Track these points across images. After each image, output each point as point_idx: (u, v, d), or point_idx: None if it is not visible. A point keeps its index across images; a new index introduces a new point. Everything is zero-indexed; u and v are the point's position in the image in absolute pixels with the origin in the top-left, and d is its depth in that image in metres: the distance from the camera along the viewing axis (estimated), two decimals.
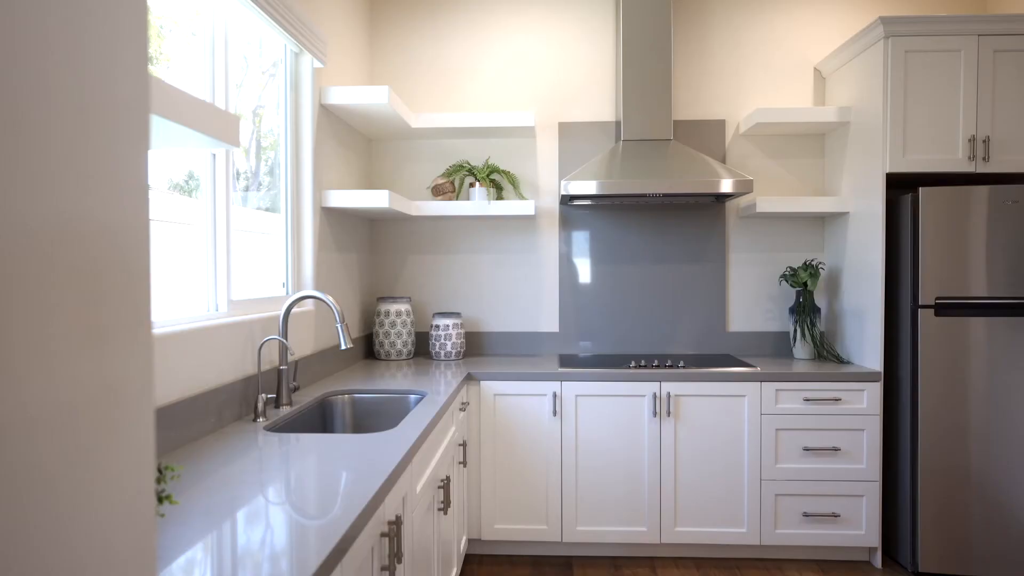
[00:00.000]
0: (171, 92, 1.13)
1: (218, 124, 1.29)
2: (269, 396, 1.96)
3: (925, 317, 2.63)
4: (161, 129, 1.20)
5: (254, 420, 1.86)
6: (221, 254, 1.97)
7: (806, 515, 2.75)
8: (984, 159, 2.68)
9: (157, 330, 1.53)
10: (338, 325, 2.01)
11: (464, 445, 2.52)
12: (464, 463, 2.51)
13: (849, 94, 3.00)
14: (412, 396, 2.36)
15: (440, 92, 3.37)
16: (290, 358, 2.14)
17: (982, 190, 2.61)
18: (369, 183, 3.39)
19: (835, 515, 2.75)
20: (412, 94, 3.37)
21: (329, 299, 2.03)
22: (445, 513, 1.99)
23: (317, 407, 2.21)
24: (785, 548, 2.82)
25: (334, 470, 1.41)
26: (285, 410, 2.01)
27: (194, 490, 1.29)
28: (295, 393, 2.22)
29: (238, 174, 2.25)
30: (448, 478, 2.05)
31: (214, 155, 1.97)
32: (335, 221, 2.83)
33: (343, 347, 2.01)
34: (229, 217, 2.00)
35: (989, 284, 2.62)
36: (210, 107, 1.26)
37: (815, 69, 3.27)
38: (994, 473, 2.63)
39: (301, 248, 2.56)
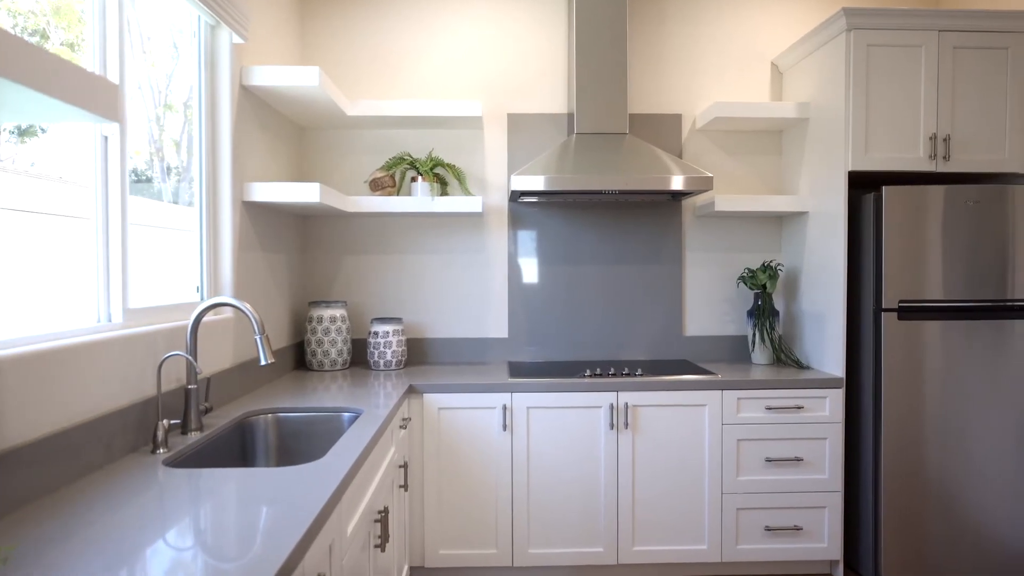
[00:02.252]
0: (10, 43, 0.86)
1: (86, 91, 1.01)
2: (173, 422, 1.67)
3: (888, 321, 2.53)
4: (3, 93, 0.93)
5: (153, 452, 1.57)
6: (115, 255, 1.67)
7: (768, 529, 2.63)
8: (945, 158, 2.61)
9: (14, 350, 1.23)
10: (257, 337, 1.74)
11: (405, 466, 2.28)
12: (405, 486, 2.26)
13: (808, 89, 2.90)
14: (346, 414, 2.10)
15: (380, 80, 3.10)
16: (200, 375, 1.86)
17: (946, 190, 2.54)
18: (300, 176, 3.09)
19: (797, 528, 2.63)
20: (350, 80, 3.10)
21: (246, 307, 1.75)
22: (383, 550, 1.74)
23: (234, 431, 1.92)
24: (747, 564, 2.69)
25: (243, 519, 1.15)
26: (194, 437, 1.72)
27: (54, 553, 1.01)
28: (207, 415, 1.93)
29: (169, 169, 2.09)
30: (387, 509, 1.80)
31: (106, 137, 1.67)
32: (260, 218, 2.53)
33: (263, 362, 1.73)
34: (125, 211, 1.70)
35: (954, 287, 2.54)
36: (75, 69, 0.99)
37: (772, 64, 3.16)
38: (958, 481, 2.56)
39: (218, 247, 2.26)
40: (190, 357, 1.67)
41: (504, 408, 2.56)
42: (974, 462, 2.56)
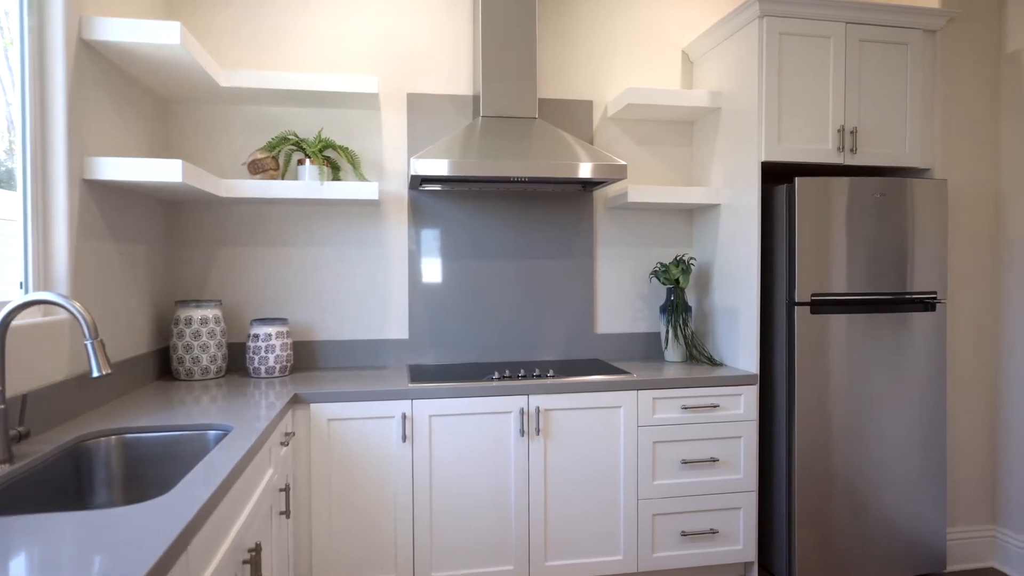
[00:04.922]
0: None
1: None
2: None
3: (801, 315, 2.48)
4: None
5: None
6: None
7: (684, 534, 2.51)
8: (852, 151, 2.60)
9: None
10: (87, 342, 1.38)
11: (287, 489, 1.97)
12: (287, 513, 1.95)
13: (719, 79, 2.82)
14: (213, 432, 1.77)
15: (263, 52, 2.74)
16: (4, 392, 1.48)
17: (855, 182, 2.52)
18: (165, 156, 2.68)
19: (713, 531, 2.53)
20: (226, 51, 2.72)
21: (74, 305, 1.39)
22: None
23: (63, 460, 1.55)
24: (663, 573, 2.56)
25: None
26: (1, 471, 1.35)
27: None
28: (23, 442, 1.54)
29: None
30: (259, 546, 1.50)
31: None
32: (111, 202, 2.13)
33: (94, 374, 1.39)
34: None
35: (866, 280, 2.52)
36: None
37: (683, 52, 3.07)
38: (864, 477, 2.54)
39: (49, 234, 1.85)
40: None
41: (404, 417, 2.30)
42: (878, 458, 2.55)
